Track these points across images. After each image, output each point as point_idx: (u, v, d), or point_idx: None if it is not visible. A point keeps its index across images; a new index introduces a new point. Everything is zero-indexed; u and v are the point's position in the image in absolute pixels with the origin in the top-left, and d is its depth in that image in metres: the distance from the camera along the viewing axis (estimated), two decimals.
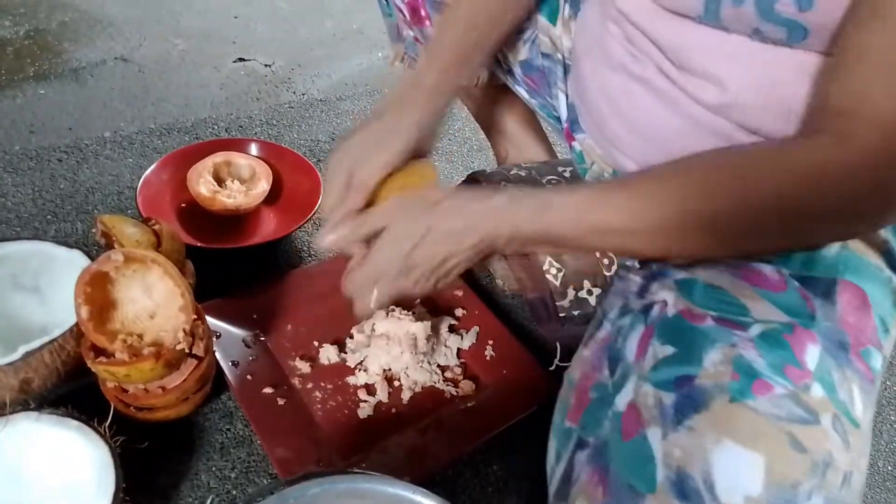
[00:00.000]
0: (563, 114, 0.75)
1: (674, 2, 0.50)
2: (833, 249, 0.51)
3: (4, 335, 0.73)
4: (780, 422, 0.43)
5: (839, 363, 0.47)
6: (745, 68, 0.47)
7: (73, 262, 0.76)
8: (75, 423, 0.63)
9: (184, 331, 0.67)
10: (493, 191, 0.55)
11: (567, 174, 0.81)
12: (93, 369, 0.66)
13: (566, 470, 0.52)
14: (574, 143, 0.71)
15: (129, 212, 0.99)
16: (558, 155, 1.02)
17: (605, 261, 0.70)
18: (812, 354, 0.46)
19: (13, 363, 0.64)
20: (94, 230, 0.81)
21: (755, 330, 0.47)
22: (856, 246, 0.51)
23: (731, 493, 0.42)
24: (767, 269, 0.50)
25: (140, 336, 0.68)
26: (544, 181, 0.80)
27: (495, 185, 0.78)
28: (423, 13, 0.79)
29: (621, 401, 0.49)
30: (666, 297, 0.52)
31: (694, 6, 0.48)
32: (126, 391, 0.68)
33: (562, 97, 0.75)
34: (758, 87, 0.48)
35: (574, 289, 0.71)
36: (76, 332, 0.67)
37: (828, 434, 0.44)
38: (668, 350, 0.48)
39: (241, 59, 1.47)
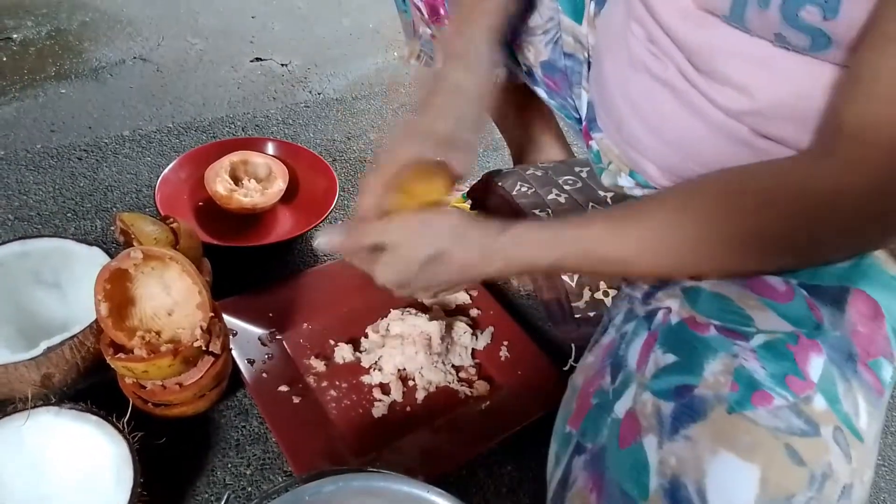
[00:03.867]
0: (584, 113, 0.75)
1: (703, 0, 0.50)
2: (847, 260, 0.50)
3: (26, 331, 0.74)
4: (778, 433, 0.43)
5: (845, 374, 0.46)
6: (769, 77, 0.46)
7: (92, 259, 0.77)
8: (94, 418, 0.64)
9: (201, 328, 0.67)
10: (504, 225, 0.55)
11: (584, 174, 0.81)
12: (112, 365, 0.67)
13: (564, 474, 0.52)
14: (591, 143, 0.70)
15: (148, 210, 1.00)
16: (576, 155, 1.01)
17: None
18: (816, 365, 0.46)
19: (35, 358, 0.65)
20: (113, 228, 0.82)
21: (758, 340, 0.47)
22: (874, 255, 0.50)
23: (723, 502, 0.42)
24: (775, 280, 0.50)
25: (158, 333, 0.69)
26: (560, 181, 0.80)
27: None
28: (442, 12, 0.79)
29: (620, 408, 0.49)
30: (671, 305, 0.52)
31: (721, 5, 0.47)
32: (144, 387, 0.69)
33: (584, 96, 0.75)
34: (780, 97, 0.48)
35: (590, 290, 0.70)
36: (96, 329, 0.68)
37: (828, 446, 0.44)
38: (670, 358, 0.49)
39: (258, 59, 1.48)
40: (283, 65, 1.47)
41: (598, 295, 0.71)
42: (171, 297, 0.71)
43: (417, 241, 0.55)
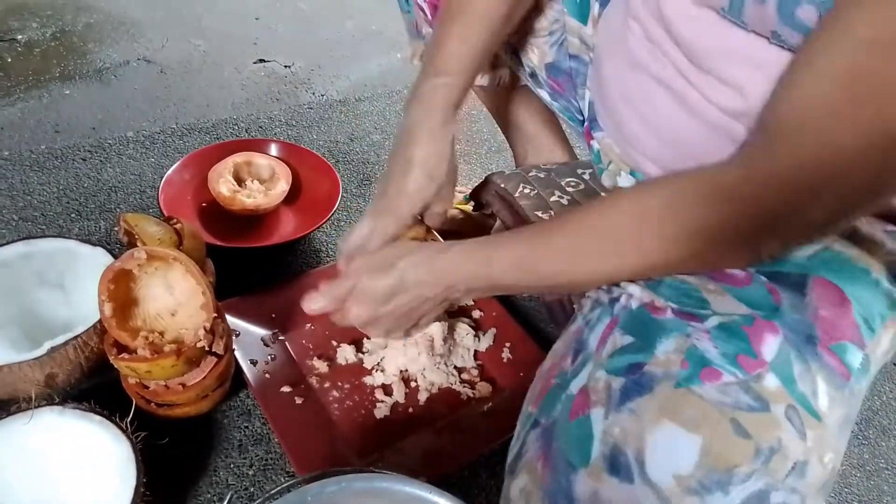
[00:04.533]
0: (586, 113, 0.75)
1: None
2: (809, 250, 0.50)
3: (29, 331, 0.74)
4: (724, 408, 0.44)
5: (803, 356, 0.46)
6: (763, 77, 0.47)
7: (96, 260, 0.77)
8: (98, 417, 0.65)
9: (204, 328, 0.67)
10: (450, 245, 0.57)
11: (586, 176, 0.81)
12: (115, 365, 0.67)
13: (519, 448, 0.53)
14: (592, 142, 0.70)
15: (152, 210, 1.00)
16: (578, 157, 1.02)
17: None
18: (770, 345, 0.46)
19: (38, 358, 0.65)
20: (116, 228, 0.82)
21: (713, 321, 0.48)
22: (841, 248, 0.51)
23: (661, 470, 0.43)
24: (734, 269, 0.51)
25: (161, 333, 0.69)
26: (563, 183, 0.80)
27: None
28: None
29: (575, 385, 0.50)
30: (632, 291, 0.53)
31: None
32: (147, 387, 0.69)
33: (588, 97, 0.75)
34: None
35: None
36: (99, 329, 0.69)
37: (779, 422, 0.44)
38: (627, 340, 0.50)
39: (261, 61, 1.48)
40: (286, 66, 1.47)
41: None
42: (175, 297, 0.71)
43: (374, 270, 0.58)
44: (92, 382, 0.71)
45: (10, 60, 1.33)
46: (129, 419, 0.65)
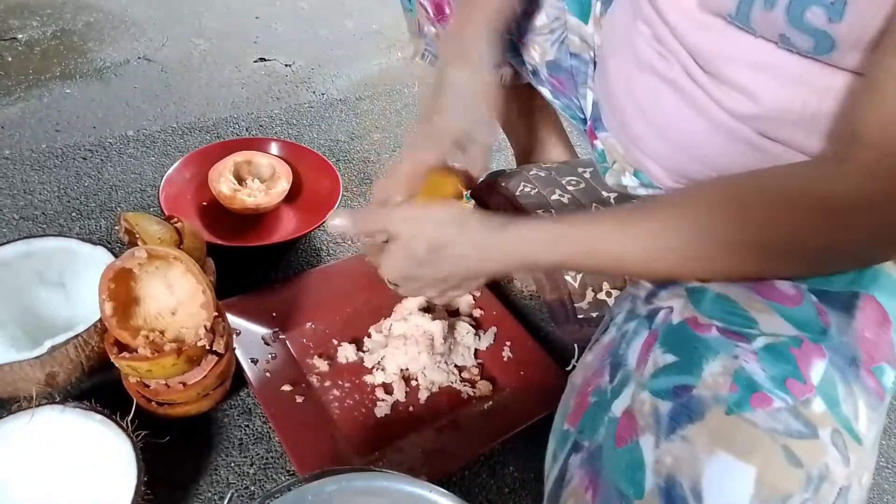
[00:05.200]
0: (589, 112, 0.75)
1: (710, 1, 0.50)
2: None
3: (30, 330, 0.74)
4: (776, 435, 0.43)
5: (846, 379, 0.46)
6: (772, 82, 0.46)
7: (96, 259, 0.77)
8: (99, 416, 0.65)
9: (205, 327, 0.67)
10: (507, 220, 0.55)
11: (587, 174, 0.81)
12: (116, 364, 0.67)
13: (560, 472, 0.52)
14: (596, 142, 0.70)
15: (152, 209, 1.00)
16: (579, 156, 1.01)
17: None
18: (817, 369, 0.46)
19: (39, 357, 0.65)
20: (117, 227, 0.82)
21: (760, 342, 0.47)
22: (893, 266, 0.50)
23: (718, 501, 0.42)
24: (784, 284, 0.50)
25: (162, 332, 0.69)
26: (563, 181, 0.80)
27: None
28: (447, 10, 0.79)
29: (618, 406, 0.49)
30: (673, 304, 0.52)
31: (726, 4, 0.48)
32: (148, 386, 0.69)
33: (590, 95, 0.75)
34: (784, 102, 0.48)
35: (593, 290, 0.71)
36: (100, 328, 0.69)
37: (826, 448, 0.44)
38: (669, 358, 0.48)
39: (261, 59, 1.48)
40: (286, 65, 1.47)
41: (601, 296, 0.71)
42: (175, 296, 0.71)
43: (419, 230, 0.55)
44: (92, 381, 0.71)
45: (10, 60, 1.33)
46: (129, 418, 0.65)
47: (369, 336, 0.85)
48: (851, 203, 0.43)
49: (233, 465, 0.73)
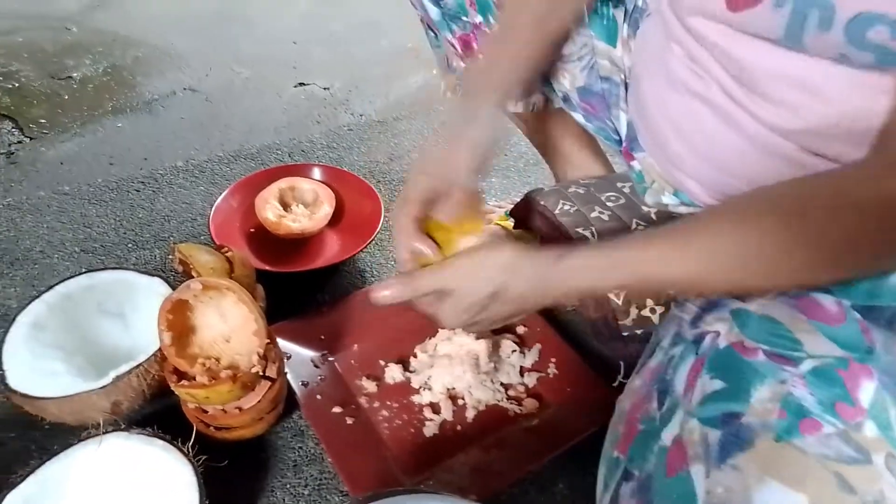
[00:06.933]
0: (623, 133, 0.75)
1: (752, 25, 0.49)
2: None
3: (93, 360, 0.78)
4: (827, 461, 0.43)
5: None
6: (820, 98, 0.46)
7: (153, 289, 0.81)
8: (161, 442, 0.67)
9: (258, 354, 0.70)
10: (557, 254, 0.55)
11: (626, 189, 0.81)
12: (175, 391, 0.70)
13: (612, 500, 0.52)
14: (633, 163, 0.70)
15: (203, 237, 1.04)
16: (615, 170, 1.01)
17: None
18: (867, 391, 0.45)
19: (104, 387, 0.69)
20: (171, 257, 0.86)
21: (807, 365, 0.46)
22: None
23: None
24: (827, 301, 0.49)
25: (217, 359, 0.72)
26: (603, 198, 0.80)
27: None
28: (475, 46, 0.80)
29: (667, 435, 0.49)
30: (719, 328, 0.51)
31: (773, 29, 0.47)
32: (206, 412, 0.72)
33: (623, 117, 0.75)
34: (832, 117, 0.47)
35: (637, 308, 0.70)
36: (159, 357, 0.72)
37: (880, 473, 0.43)
38: (717, 385, 0.48)
39: (301, 84, 1.52)
40: (325, 88, 1.51)
41: (645, 312, 0.70)
42: (229, 324, 0.73)
43: (475, 283, 0.57)
44: (154, 408, 0.75)
45: (66, 97, 1.40)
46: (190, 443, 0.67)
47: (415, 356, 0.86)
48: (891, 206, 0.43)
49: (288, 486, 0.75)
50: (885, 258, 0.47)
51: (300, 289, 0.96)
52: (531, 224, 0.83)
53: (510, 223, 0.94)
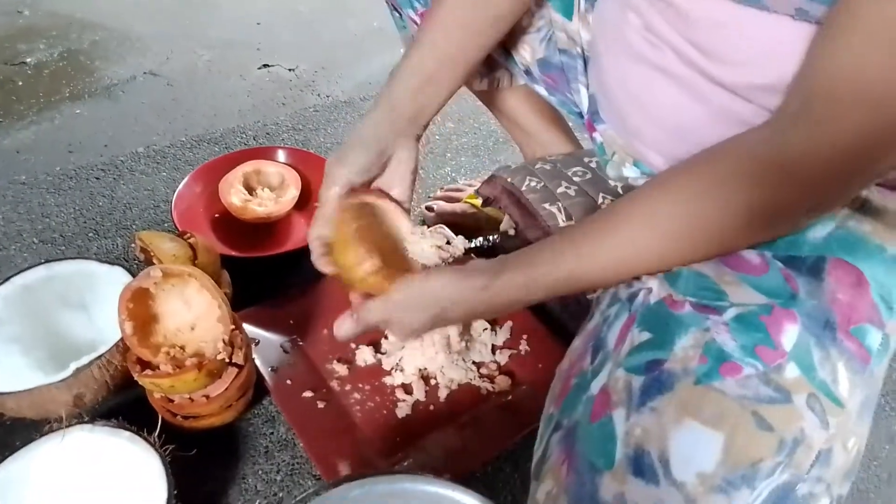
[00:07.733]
0: (584, 107, 0.74)
1: None
2: (825, 230, 0.50)
3: (55, 353, 0.76)
4: (746, 402, 0.44)
5: (822, 342, 0.46)
6: (780, 52, 0.45)
7: (115, 279, 0.79)
8: (127, 433, 0.66)
9: (223, 341, 0.69)
10: (489, 277, 0.55)
11: (593, 164, 0.81)
12: (139, 382, 0.68)
13: (543, 451, 0.53)
14: (595, 135, 0.70)
15: (166, 224, 1.02)
16: (583, 147, 1.01)
17: None
18: (790, 334, 0.46)
19: (65, 380, 0.67)
20: (133, 246, 0.84)
21: (730, 313, 0.47)
22: (856, 225, 0.50)
23: (685, 469, 0.43)
24: (750, 254, 0.50)
25: (182, 348, 0.71)
26: (570, 173, 0.80)
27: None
28: None
29: (596, 385, 0.50)
30: (651, 285, 0.52)
31: None
32: (172, 401, 0.71)
33: (583, 90, 0.75)
34: (792, 71, 0.47)
35: None
36: (122, 347, 0.70)
37: (801, 413, 0.44)
38: (645, 336, 0.49)
39: (265, 66, 1.49)
40: (290, 70, 1.48)
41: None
42: (193, 312, 0.72)
43: (414, 314, 0.58)
44: (118, 400, 0.73)
45: (21, 84, 1.35)
46: (156, 433, 0.66)
47: (386, 338, 0.85)
48: (798, 163, 0.43)
49: (260, 472, 0.74)
50: (800, 216, 0.48)
51: (268, 273, 0.94)
52: (499, 202, 0.82)
53: (479, 201, 0.93)
